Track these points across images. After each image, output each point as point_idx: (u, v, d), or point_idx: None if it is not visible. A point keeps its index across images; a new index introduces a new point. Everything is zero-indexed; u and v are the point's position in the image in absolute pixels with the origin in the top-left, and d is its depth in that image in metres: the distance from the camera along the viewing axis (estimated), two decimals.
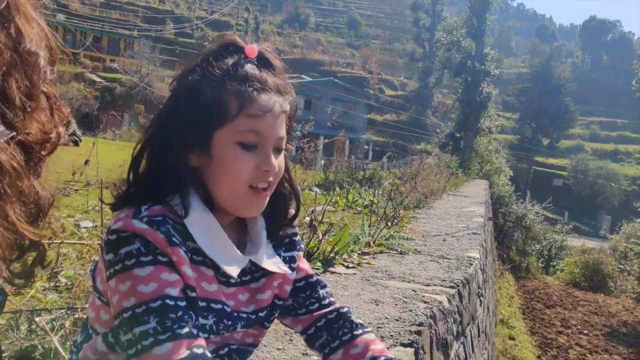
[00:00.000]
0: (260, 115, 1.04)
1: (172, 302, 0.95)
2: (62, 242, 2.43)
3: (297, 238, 1.28)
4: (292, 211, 1.25)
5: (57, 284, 2.22)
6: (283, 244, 1.25)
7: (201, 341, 0.95)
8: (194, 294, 1.01)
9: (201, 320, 1.04)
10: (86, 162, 4.50)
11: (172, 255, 0.98)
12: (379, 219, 4.96)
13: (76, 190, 5.54)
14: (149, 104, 39.26)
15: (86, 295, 2.07)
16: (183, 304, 0.96)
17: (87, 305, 1.86)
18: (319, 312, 1.29)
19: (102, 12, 62.67)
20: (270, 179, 1.10)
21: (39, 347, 1.64)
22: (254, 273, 1.18)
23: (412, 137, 49.77)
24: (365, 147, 44.15)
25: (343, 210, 6.42)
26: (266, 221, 1.20)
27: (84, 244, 2.70)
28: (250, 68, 1.07)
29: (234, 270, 1.08)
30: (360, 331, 1.25)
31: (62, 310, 1.78)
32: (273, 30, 77.98)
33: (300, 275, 1.29)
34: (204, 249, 1.05)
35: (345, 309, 1.29)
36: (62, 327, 1.72)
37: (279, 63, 1.13)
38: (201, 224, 1.05)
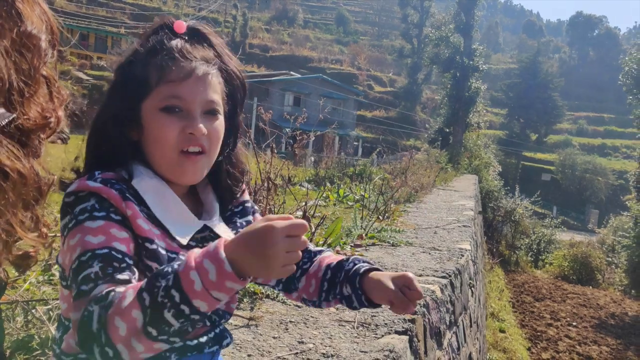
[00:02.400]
0: (180, 80, 1.06)
1: (119, 255, 0.92)
2: (55, 236, 2.42)
3: (249, 204, 1.27)
4: (239, 187, 1.23)
5: (51, 277, 2.22)
6: (237, 213, 1.24)
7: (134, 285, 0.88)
8: (154, 246, 1.00)
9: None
10: (76, 158, 4.48)
11: (127, 210, 0.98)
12: (370, 212, 4.99)
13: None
14: None
15: None
16: (130, 261, 0.94)
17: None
18: None
19: (88, 9, 62.09)
20: (204, 143, 1.08)
21: (36, 337, 1.64)
22: (205, 241, 1.12)
23: (401, 133, 49.83)
24: (355, 143, 44.16)
25: (334, 205, 6.44)
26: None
27: None
28: (175, 42, 1.08)
29: (184, 237, 1.06)
30: (317, 256, 1.24)
31: (58, 301, 1.78)
32: (261, 27, 77.66)
33: None
34: (156, 213, 1.03)
35: None
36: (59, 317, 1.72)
37: (218, 40, 1.15)
38: (152, 189, 1.05)
